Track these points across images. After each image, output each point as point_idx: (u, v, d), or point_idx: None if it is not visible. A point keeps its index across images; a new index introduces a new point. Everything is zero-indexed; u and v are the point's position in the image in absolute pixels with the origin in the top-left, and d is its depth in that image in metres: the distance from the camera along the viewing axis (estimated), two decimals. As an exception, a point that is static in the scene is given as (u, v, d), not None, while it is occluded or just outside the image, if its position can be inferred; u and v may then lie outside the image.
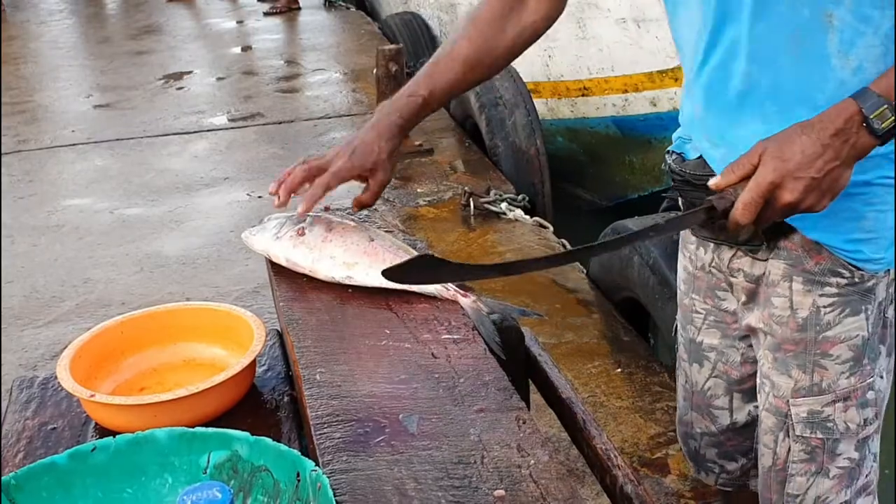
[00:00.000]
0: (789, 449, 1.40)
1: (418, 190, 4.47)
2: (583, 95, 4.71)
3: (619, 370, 2.96)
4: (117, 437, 1.09)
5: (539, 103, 4.90)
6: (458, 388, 1.23)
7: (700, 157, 1.39)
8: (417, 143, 4.92)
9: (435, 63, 1.53)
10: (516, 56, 1.55)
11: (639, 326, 3.29)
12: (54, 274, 3.85)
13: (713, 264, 1.46)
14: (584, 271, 3.67)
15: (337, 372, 1.26)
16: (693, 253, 1.51)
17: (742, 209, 1.18)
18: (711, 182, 1.23)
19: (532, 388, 1.58)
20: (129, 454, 1.08)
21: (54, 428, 1.33)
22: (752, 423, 1.55)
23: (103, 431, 1.28)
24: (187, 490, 0.89)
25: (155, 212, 4.42)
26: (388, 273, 1.21)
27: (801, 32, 1.21)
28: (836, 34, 1.19)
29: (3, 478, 1.02)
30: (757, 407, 1.52)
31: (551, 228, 4.09)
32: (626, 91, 4.54)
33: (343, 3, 8.73)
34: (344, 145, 1.53)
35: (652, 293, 3.04)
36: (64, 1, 9.96)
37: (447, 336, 1.35)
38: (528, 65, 4.89)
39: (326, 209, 1.68)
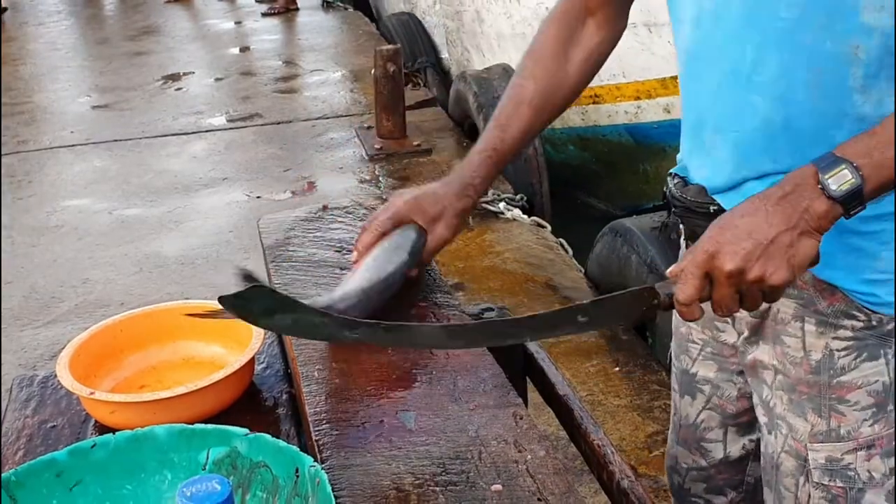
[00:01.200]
0: (809, 495, 1.32)
1: (417, 190, 4.47)
2: (594, 103, 4.65)
3: (617, 369, 2.97)
4: (117, 433, 1.10)
5: None
6: (456, 384, 1.24)
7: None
8: (416, 143, 4.93)
9: (502, 111, 1.43)
10: (586, 85, 1.46)
11: (637, 325, 3.30)
12: (53, 274, 3.86)
13: None
14: (582, 271, 3.68)
15: (335, 369, 1.27)
16: None
17: (680, 284, 1.08)
18: (669, 270, 1.13)
19: (530, 386, 1.59)
20: (128, 451, 1.09)
21: (54, 426, 1.33)
22: (746, 456, 1.50)
23: (103, 429, 1.28)
24: (186, 483, 0.90)
25: (154, 212, 4.43)
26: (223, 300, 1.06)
27: (823, 66, 1.12)
28: (861, 67, 1.10)
29: (3, 475, 1.03)
30: (752, 440, 1.47)
31: (549, 228, 4.10)
32: (638, 98, 4.46)
33: (341, 4, 8.73)
34: (413, 189, 1.45)
35: (650, 292, 3.03)
36: (62, 2, 9.96)
37: (445, 333, 1.36)
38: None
39: (325, 208, 1.69)
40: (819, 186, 1.05)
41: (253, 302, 1.05)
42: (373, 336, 1.15)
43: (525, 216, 4.10)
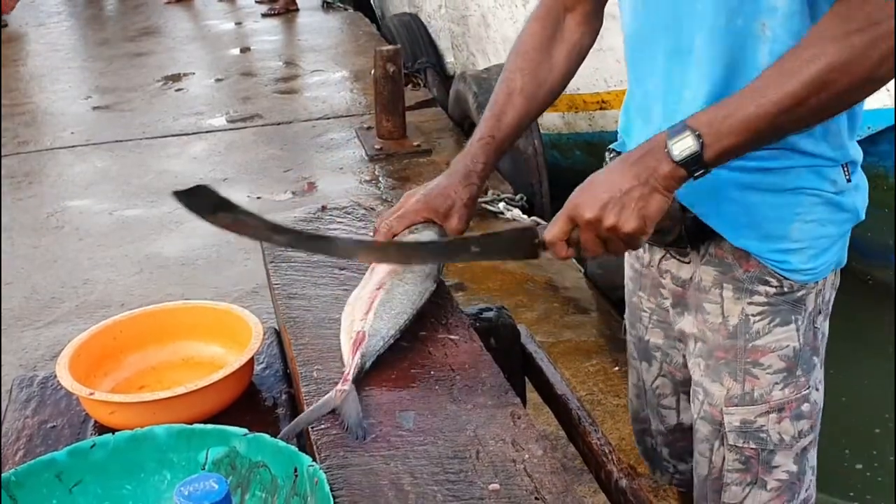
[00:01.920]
0: (724, 458, 1.39)
1: (416, 190, 4.48)
2: (600, 109, 4.64)
3: (616, 368, 2.97)
4: (116, 434, 1.10)
5: (555, 117, 4.83)
6: (455, 384, 1.24)
7: None
8: (416, 143, 4.94)
9: (495, 102, 1.50)
10: (571, 76, 1.55)
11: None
12: (54, 275, 3.86)
13: (650, 262, 1.47)
14: (582, 270, 3.68)
15: (334, 369, 1.28)
16: (639, 250, 1.50)
17: (549, 228, 1.24)
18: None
19: (529, 386, 1.60)
20: (128, 451, 1.09)
21: (54, 426, 1.34)
22: None
23: (102, 429, 1.29)
24: (184, 482, 0.90)
25: (154, 213, 4.43)
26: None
27: (737, 41, 1.22)
28: (768, 44, 1.20)
29: (3, 475, 1.03)
30: None
31: (549, 228, 4.09)
32: None
33: (341, 5, 8.73)
34: (419, 189, 1.50)
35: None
36: (63, 3, 9.96)
37: (444, 335, 1.37)
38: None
39: (323, 208, 1.69)
40: (665, 150, 1.16)
41: (201, 198, 1.24)
42: (296, 242, 1.36)
43: (525, 216, 4.10)
